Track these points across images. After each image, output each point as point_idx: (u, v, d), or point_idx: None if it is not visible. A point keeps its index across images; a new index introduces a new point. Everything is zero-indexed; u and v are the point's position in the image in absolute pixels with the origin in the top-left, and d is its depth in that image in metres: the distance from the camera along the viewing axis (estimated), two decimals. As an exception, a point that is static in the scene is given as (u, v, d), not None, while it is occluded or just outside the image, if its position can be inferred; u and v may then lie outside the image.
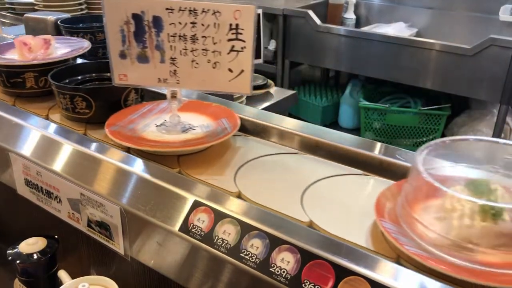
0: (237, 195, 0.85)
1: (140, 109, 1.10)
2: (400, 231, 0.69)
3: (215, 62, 0.96)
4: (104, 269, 1.06)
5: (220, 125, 1.04)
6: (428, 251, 0.65)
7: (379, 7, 3.41)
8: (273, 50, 3.29)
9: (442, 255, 0.63)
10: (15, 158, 1.02)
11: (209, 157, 0.98)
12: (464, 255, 0.63)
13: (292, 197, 0.84)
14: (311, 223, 0.76)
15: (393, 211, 0.73)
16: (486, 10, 2.95)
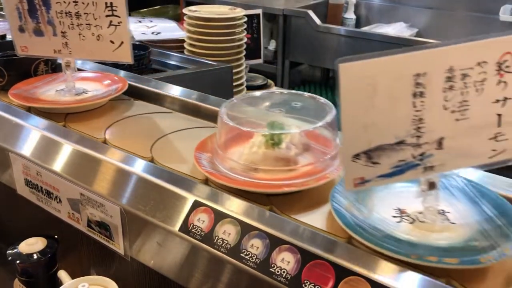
0: (103, 140, 1.04)
1: (46, 78, 1.29)
2: (209, 160, 0.89)
3: (98, 35, 1.11)
4: (104, 269, 1.06)
5: (109, 90, 1.23)
6: (223, 173, 0.85)
7: (379, 7, 3.41)
8: (273, 50, 3.29)
9: (234, 175, 0.85)
10: (15, 158, 1.01)
11: (94, 115, 1.17)
12: (250, 174, 0.84)
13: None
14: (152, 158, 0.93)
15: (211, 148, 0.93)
16: (486, 10, 2.95)
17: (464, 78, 0.66)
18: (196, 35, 1.83)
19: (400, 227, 0.73)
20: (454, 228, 0.72)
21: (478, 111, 0.68)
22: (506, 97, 0.67)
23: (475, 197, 0.78)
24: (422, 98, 0.66)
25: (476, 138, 0.69)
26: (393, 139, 0.67)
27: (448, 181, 0.81)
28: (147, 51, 1.80)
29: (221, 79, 1.70)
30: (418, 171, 0.70)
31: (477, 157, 0.70)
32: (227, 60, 1.80)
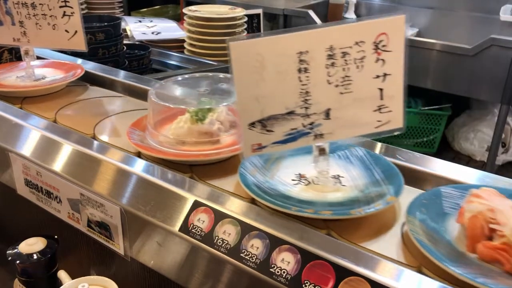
0: (53, 120, 1.13)
1: (10, 66, 1.40)
2: (141, 136, 1.00)
3: (54, 25, 1.21)
4: (104, 269, 1.06)
5: (66, 76, 1.34)
6: (151, 145, 0.96)
7: (380, 7, 3.41)
8: (273, 50, 3.28)
9: (160, 147, 0.95)
10: (15, 158, 1.01)
11: (50, 98, 1.27)
12: (176, 147, 0.95)
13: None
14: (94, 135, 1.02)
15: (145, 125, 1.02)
16: (487, 10, 2.95)
17: (344, 56, 0.75)
18: (196, 35, 1.83)
19: (295, 188, 0.84)
20: (343, 189, 0.84)
21: (360, 86, 0.77)
22: (385, 73, 0.77)
23: (370, 164, 0.89)
24: (306, 73, 0.75)
25: (361, 110, 0.78)
26: (284, 109, 0.77)
27: (350, 152, 0.93)
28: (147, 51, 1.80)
29: (221, 79, 1.70)
30: (309, 139, 0.79)
31: (363, 127, 0.80)
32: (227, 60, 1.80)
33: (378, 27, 0.75)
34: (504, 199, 0.70)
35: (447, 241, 0.70)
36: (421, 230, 0.70)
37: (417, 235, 0.68)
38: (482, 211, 0.67)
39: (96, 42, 1.61)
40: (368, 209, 0.76)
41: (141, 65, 1.77)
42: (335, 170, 0.88)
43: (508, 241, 0.64)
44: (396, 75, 0.77)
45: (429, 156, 0.93)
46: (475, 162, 2.89)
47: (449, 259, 0.65)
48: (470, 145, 2.92)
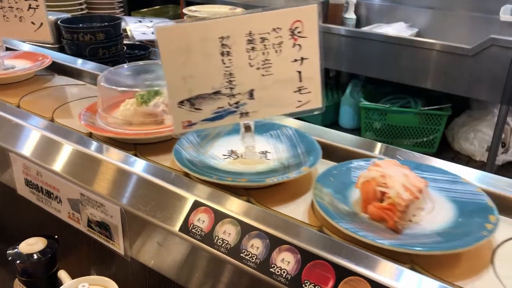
0: (17, 105, 1.23)
1: None
2: (91, 118, 1.09)
3: (20, 17, 1.28)
4: (104, 269, 1.06)
5: (34, 65, 1.43)
6: (100, 126, 1.05)
7: (380, 7, 3.41)
8: (273, 50, 3.28)
9: (107, 127, 1.04)
10: (15, 158, 1.01)
11: (17, 86, 1.37)
12: (123, 127, 1.04)
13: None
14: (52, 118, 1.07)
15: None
16: (487, 10, 2.95)
17: (263, 41, 0.82)
18: (196, 35, 1.82)
19: (224, 161, 0.93)
20: (267, 162, 0.93)
21: (280, 68, 0.84)
22: (302, 57, 0.84)
23: (296, 141, 0.98)
24: (229, 56, 0.82)
25: (282, 91, 0.86)
26: (210, 89, 0.84)
27: (281, 131, 1.02)
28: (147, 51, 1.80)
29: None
30: (236, 117, 0.87)
31: (286, 107, 0.87)
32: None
33: (292, 15, 0.82)
34: (400, 168, 0.78)
35: (347, 204, 0.79)
36: (326, 195, 0.80)
37: (320, 199, 0.78)
38: (375, 177, 0.75)
39: (96, 42, 1.62)
40: (281, 177, 0.84)
41: (141, 65, 1.77)
42: (264, 147, 0.98)
43: (393, 202, 0.72)
44: (313, 59, 0.84)
45: (429, 156, 0.93)
46: (475, 162, 2.89)
47: (343, 219, 0.74)
48: (470, 145, 2.92)
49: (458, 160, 2.91)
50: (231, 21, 0.81)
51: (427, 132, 2.99)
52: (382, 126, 3.04)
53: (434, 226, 0.74)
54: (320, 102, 0.87)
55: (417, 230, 0.74)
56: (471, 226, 0.72)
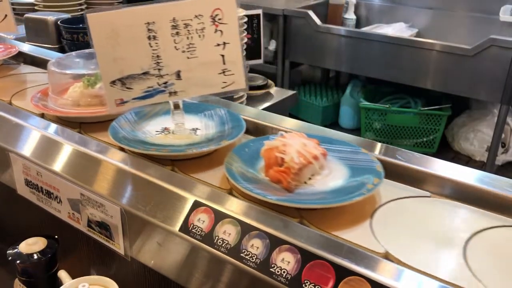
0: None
1: None
2: (44, 100, 1.16)
3: None
4: (104, 269, 1.06)
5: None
6: (50, 107, 1.14)
7: (380, 8, 3.41)
8: (273, 50, 3.29)
9: (56, 107, 1.13)
10: (15, 158, 1.02)
11: None
12: (72, 107, 1.13)
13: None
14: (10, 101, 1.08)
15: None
16: (487, 11, 2.95)
17: (186, 27, 0.90)
18: (196, 35, 1.82)
19: (155, 137, 1.01)
20: (195, 137, 1.01)
21: (204, 52, 0.92)
22: (224, 42, 0.92)
23: (226, 120, 1.05)
24: (155, 40, 0.90)
25: (208, 72, 0.94)
26: (139, 70, 0.92)
27: (215, 111, 1.09)
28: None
29: (221, 79, 1.70)
30: (165, 96, 0.95)
31: (212, 87, 0.95)
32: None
33: (212, 3, 0.89)
34: (301, 138, 0.87)
35: (253, 170, 0.88)
36: (236, 163, 0.89)
37: (229, 165, 0.87)
38: (277, 145, 0.85)
39: (96, 42, 1.61)
40: (201, 148, 0.93)
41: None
42: (196, 124, 1.05)
43: (288, 166, 0.82)
44: (234, 44, 0.92)
45: (428, 156, 0.93)
46: (474, 162, 2.89)
47: (246, 181, 0.82)
48: (470, 145, 2.92)
49: (458, 160, 2.91)
50: (156, 8, 0.89)
51: (427, 132, 2.99)
52: (382, 126, 3.05)
53: (325, 187, 0.84)
54: (244, 83, 0.95)
55: (308, 190, 0.83)
56: (356, 187, 0.81)
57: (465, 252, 0.71)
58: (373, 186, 0.80)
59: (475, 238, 0.74)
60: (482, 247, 0.72)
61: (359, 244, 0.71)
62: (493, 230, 0.77)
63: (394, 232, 0.75)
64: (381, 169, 0.84)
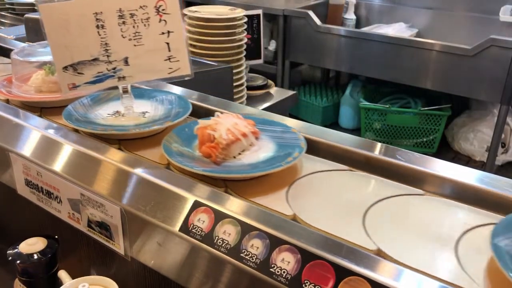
0: None
1: None
2: (8, 87, 1.24)
3: None
4: (104, 269, 1.06)
5: None
6: (13, 93, 1.22)
7: (380, 8, 3.41)
8: (273, 51, 3.29)
9: (21, 93, 1.21)
10: (15, 158, 1.02)
11: None
12: (35, 93, 1.21)
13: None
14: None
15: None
16: (487, 11, 2.95)
17: (132, 16, 0.98)
18: (196, 35, 1.82)
19: (105, 118, 1.09)
20: (142, 119, 1.08)
21: (150, 40, 1.00)
22: (169, 31, 1.00)
23: (174, 104, 1.14)
24: (103, 29, 0.98)
25: (154, 59, 1.02)
26: (89, 56, 0.99)
27: (166, 96, 1.18)
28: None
29: (221, 79, 1.70)
30: (114, 80, 1.03)
31: (159, 72, 1.03)
32: (227, 60, 1.80)
33: None
34: (234, 118, 0.96)
35: (189, 147, 0.97)
36: (174, 141, 0.97)
37: (167, 143, 0.95)
38: (210, 124, 0.94)
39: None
40: (144, 128, 1.01)
41: (141, 66, 1.77)
42: (146, 108, 1.13)
43: (217, 142, 0.91)
44: (178, 33, 1.01)
45: (428, 156, 0.93)
46: (474, 162, 2.90)
47: (179, 156, 0.92)
48: (469, 145, 2.93)
49: (458, 160, 2.91)
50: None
51: (427, 132, 2.99)
52: (382, 126, 3.05)
53: (250, 160, 0.93)
54: (188, 69, 1.04)
55: (235, 163, 0.92)
56: (277, 159, 0.91)
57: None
58: (292, 159, 0.89)
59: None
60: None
61: (272, 208, 0.81)
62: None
63: (305, 199, 0.85)
64: (305, 146, 0.94)
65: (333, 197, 0.86)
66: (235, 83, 1.80)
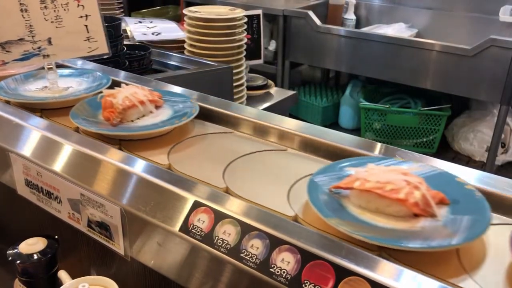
0: None
1: None
2: None
3: None
4: (104, 270, 1.06)
5: None
6: None
7: (379, 8, 3.42)
8: (273, 51, 3.29)
9: None
10: (16, 159, 1.02)
11: None
12: None
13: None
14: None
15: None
16: (486, 11, 2.95)
17: (53, 2, 1.14)
18: (196, 35, 1.83)
19: (33, 91, 1.24)
20: (65, 93, 1.22)
21: (70, 23, 1.18)
22: (87, 14, 1.19)
23: (96, 79, 1.29)
24: (27, 12, 1.13)
25: (75, 39, 1.19)
26: (16, 37, 1.13)
27: (92, 75, 1.32)
28: (148, 52, 1.80)
29: (221, 80, 1.70)
30: (40, 58, 1.18)
31: (79, 51, 1.21)
32: (227, 60, 1.80)
33: None
34: (137, 89, 1.10)
35: (95, 115, 1.09)
36: (85, 110, 1.10)
37: (77, 110, 1.09)
38: (113, 93, 1.08)
39: (96, 43, 1.61)
40: (58, 99, 1.18)
41: (141, 66, 1.77)
42: (71, 84, 1.28)
43: (115, 107, 1.05)
44: (95, 16, 1.19)
45: (428, 156, 0.93)
46: (474, 162, 2.90)
47: (86, 122, 1.06)
48: (469, 145, 2.93)
49: (458, 161, 2.91)
50: None
51: (426, 133, 2.99)
52: (382, 126, 3.05)
53: (144, 123, 1.07)
54: (106, 49, 1.23)
55: (130, 125, 1.06)
56: (166, 122, 1.06)
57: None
58: (179, 122, 1.05)
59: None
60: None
61: (151, 159, 0.96)
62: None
63: (178, 151, 1.01)
64: (196, 111, 1.08)
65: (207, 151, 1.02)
66: (235, 83, 1.80)
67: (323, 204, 0.76)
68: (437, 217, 0.73)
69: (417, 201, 0.72)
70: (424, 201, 0.73)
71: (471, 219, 0.72)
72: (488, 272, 0.67)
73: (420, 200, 0.72)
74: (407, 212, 0.74)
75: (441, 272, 0.66)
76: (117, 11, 2.91)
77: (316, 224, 0.76)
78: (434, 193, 0.76)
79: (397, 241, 0.68)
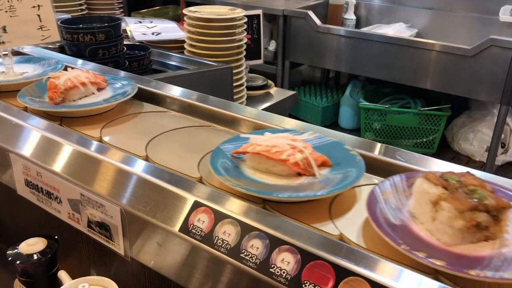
0: None
1: None
2: None
3: None
4: (104, 270, 1.06)
5: None
6: None
7: (379, 8, 3.42)
8: (273, 51, 3.29)
9: None
10: (15, 159, 1.02)
11: None
12: None
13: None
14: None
15: None
16: (486, 11, 2.95)
17: None
18: (196, 35, 1.83)
19: None
20: (19, 77, 1.34)
21: (23, 12, 1.29)
22: (39, 5, 1.31)
23: (49, 65, 1.42)
24: None
25: (29, 28, 1.31)
26: None
27: (49, 62, 1.43)
28: (147, 52, 1.80)
29: (221, 80, 1.70)
30: None
31: (34, 39, 1.33)
32: (227, 60, 1.80)
33: None
34: (80, 72, 1.21)
35: (42, 97, 1.20)
36: (34, 92, 1.22)
37: (25, 91, 1.21)
38: (58, 75, 1.19)
39: (96, 43, 1.62)
40: (10, 82, 1.28)
41: (141, 66, 1.77)
42: (27, 70, 1.40)
43: (58, 87, 1.16)
44: (47, 6, 1.31)
45: (428, 157, 0.93)
46: (474, 163, 2.90)
47: (31, 101, 1.17)
48: (469, 145, 2.93)
49: (458, 161, 2.91)
50: None
51: (426, 133, 2.99)
52: (382, 126, 3.05)
53: (84, 102, 1.18)
54: (58, 37, 1.35)
55: (70, 104, 1.17)
56: (103, 101, 1.18)
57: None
58: (114, 101, 1.17)
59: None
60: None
61: (85, 133, 1.07)
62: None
63: (110, 127, 1.12)
64: (133, 92, 1.20)
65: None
66: (235, 83, 1.80)
67: (220, 166, 0.87)
68: (315, 176, 0.85)
69: (297, 161, 0.84)
70: (305, 162, 0.85)
71: (343, 177, 0.84)
72: (348, 221, 0.78)
73: (301, 160, 0.84)
74: (291, 171, 0.85)
75: (310, 219, 0.78)
76: (117, 11, 2.92)
77: (215, 183, 0.87)
78: (317, 156, 0.87)
79: (271, 192, 0.80)
